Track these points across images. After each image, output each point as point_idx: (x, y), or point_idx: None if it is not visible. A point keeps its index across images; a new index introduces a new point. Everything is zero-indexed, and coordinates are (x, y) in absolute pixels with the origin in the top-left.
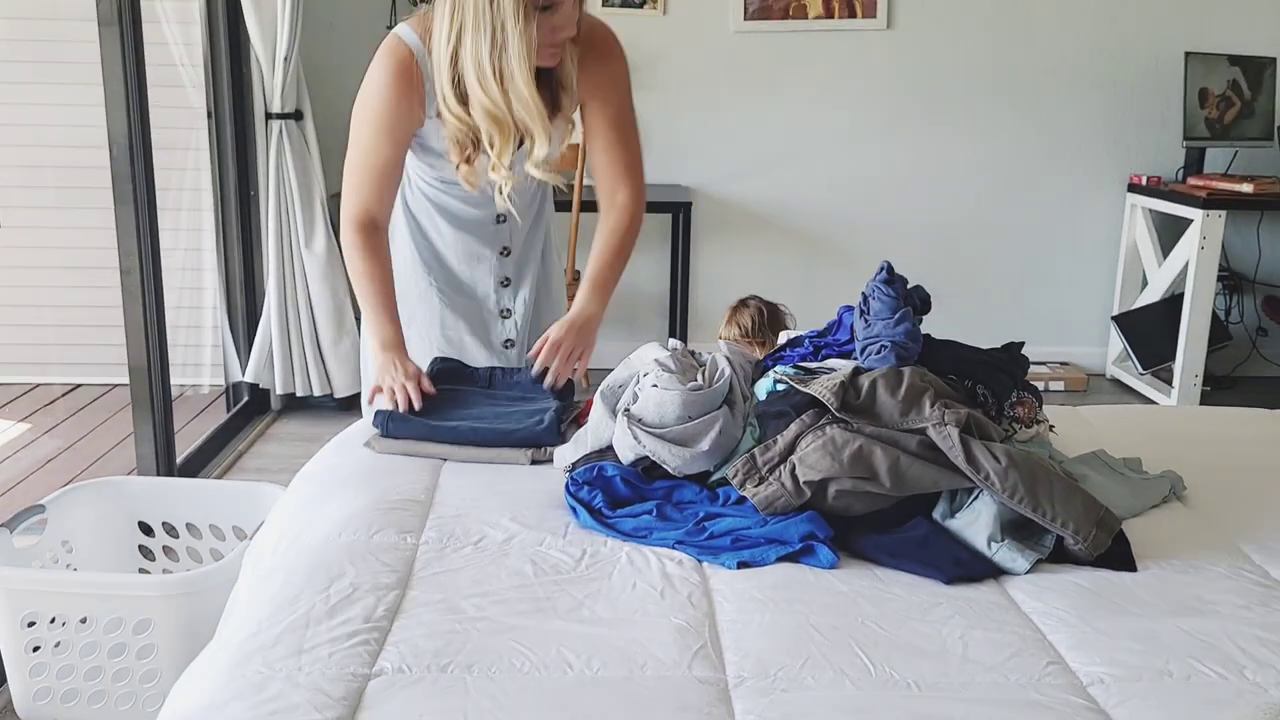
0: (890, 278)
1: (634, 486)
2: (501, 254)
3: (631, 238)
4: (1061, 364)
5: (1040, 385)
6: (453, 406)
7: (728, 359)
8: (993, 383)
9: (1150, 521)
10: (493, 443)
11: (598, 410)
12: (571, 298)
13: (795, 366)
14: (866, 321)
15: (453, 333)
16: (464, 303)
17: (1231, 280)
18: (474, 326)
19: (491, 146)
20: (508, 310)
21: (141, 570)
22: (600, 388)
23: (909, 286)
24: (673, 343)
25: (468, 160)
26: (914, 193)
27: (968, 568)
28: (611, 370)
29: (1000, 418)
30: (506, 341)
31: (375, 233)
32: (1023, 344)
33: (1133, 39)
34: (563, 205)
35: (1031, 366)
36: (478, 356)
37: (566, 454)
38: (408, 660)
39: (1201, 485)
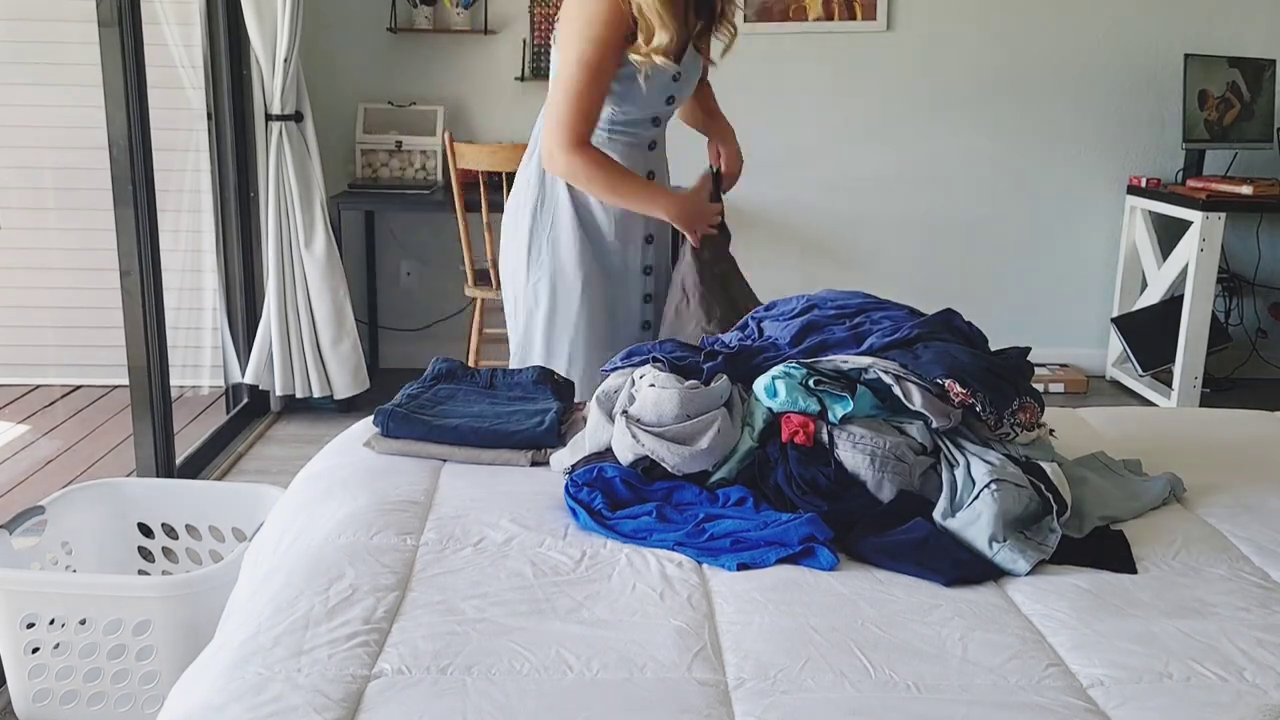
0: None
1: (634, 488)
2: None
3: None
4: (1061, 366)
5: (1040, 387)
6: (453, 406)
7: None
8: (994, 393)
9: (1150, 523)
10: (493, 443)
11: (595, 415)
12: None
13: (800, 364)
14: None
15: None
16: (612, 290)
17: (1231, 282)
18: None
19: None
20: (649, 267)
21: (141, 572)
22: (596, 393)
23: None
24: None
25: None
26: (913, 194)
27: (968, 570)
28: (608, 374)
29: (1000, 424)
30: (644, 323)
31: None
32: (1028, 349)
33: (1132, 41)
34: None
35: None
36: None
37: (564, 458)
38: (407, 662)
39: (1201, 487)
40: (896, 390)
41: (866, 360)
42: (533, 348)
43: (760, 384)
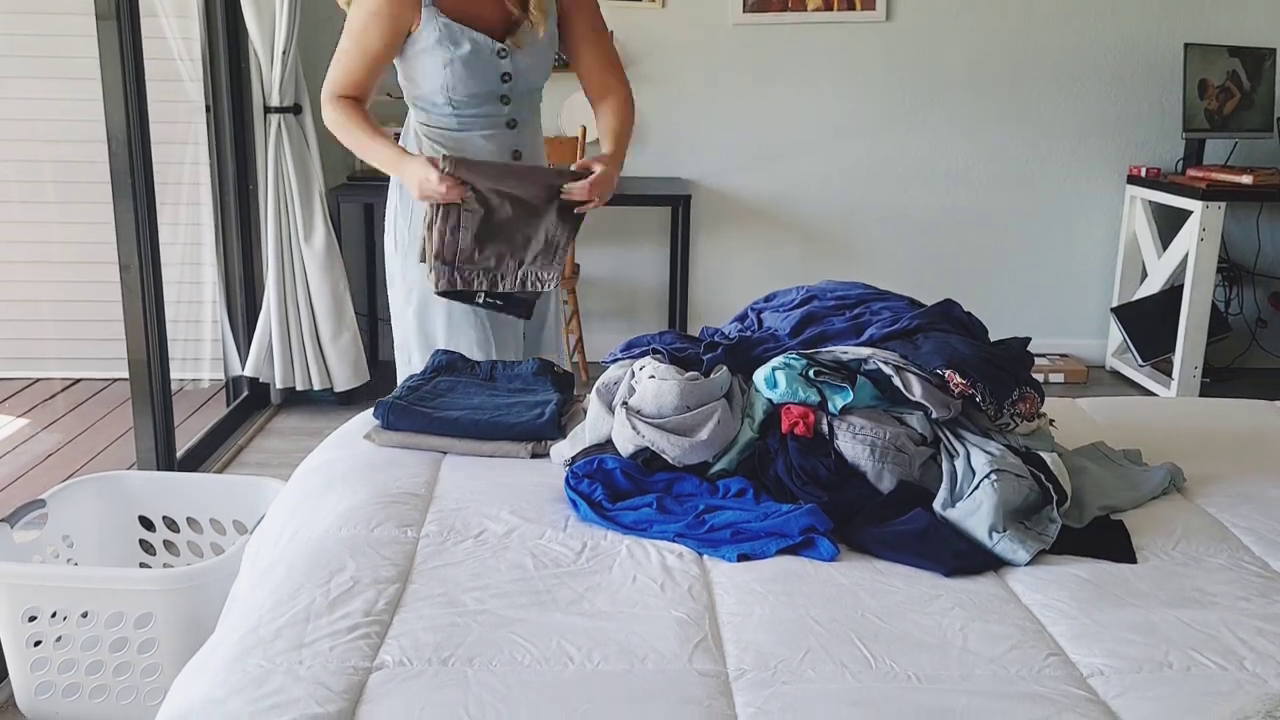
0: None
1: (634, 479)
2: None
3: (631, 116)
4: (1061, 356)
5: (1040, 377)
6: (453, 398)
7: None
8: (994, 384)
9: (1150, 513)
10: (493, 435)
11: (594, 407)
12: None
13: (799, 354)
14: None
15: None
16: None
17: (1231, 272)
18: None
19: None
20: None
21: (142, 565)
22: (596, 385)
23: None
24: None
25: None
26: (913, 185)
27: (967, 560)
28: (608, 366)
29: (1000, 415)
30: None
31: (357, 103)
32: (1028, 340)
33: (1132, 30)
34: None
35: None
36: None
37: (563, 450)
38: (408, 654)
39: (1201, 477)
40: (896, 381)
41: (866, 351)
42: (406, 341)
43: (760, 375)
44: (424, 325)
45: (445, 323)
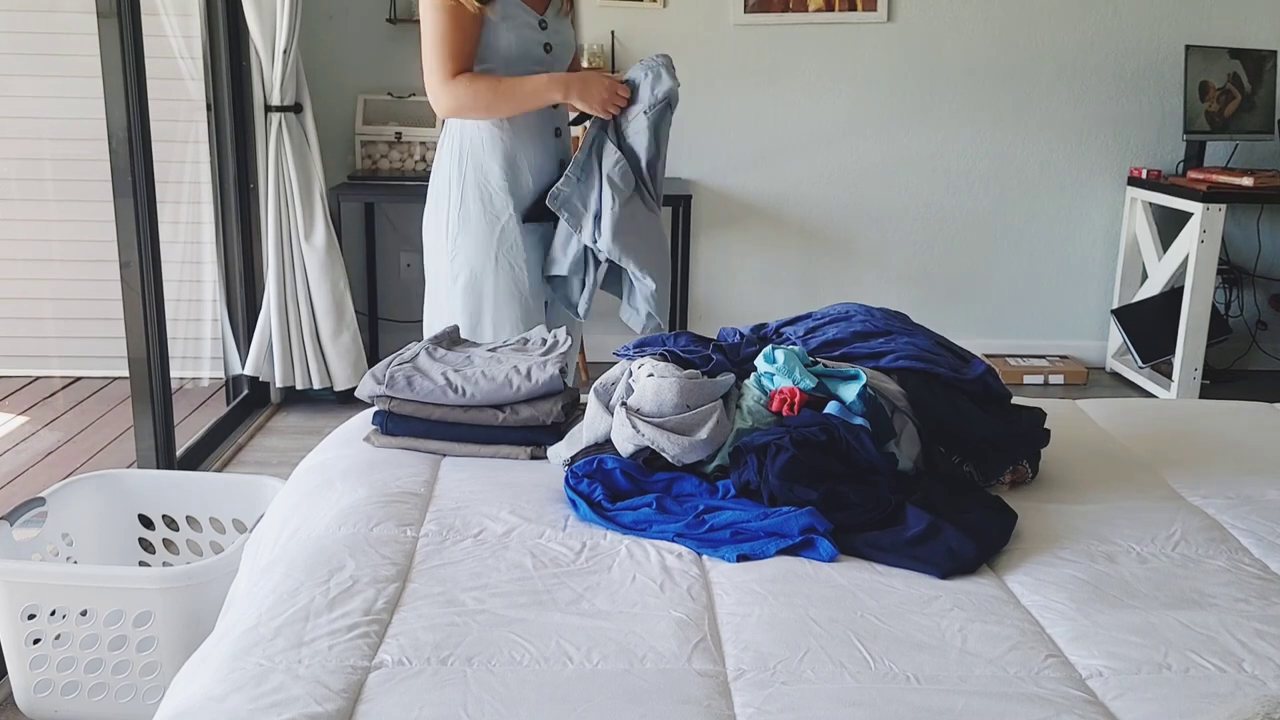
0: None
1: (633, 479)
2: (556, 135)
3: None
4: (1061, 357)
5: (1040, 379)
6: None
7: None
8: (985, 463)
9: (1149, 515)
10: (490, 440)
11: (592, 407)
12: None
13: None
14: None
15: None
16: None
17: (1231, 274)
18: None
19: None
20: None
21: (141, 563)
22: (594, 385)
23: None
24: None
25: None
26: (914, 185)
27: (960, 560)
28: (608, 365)
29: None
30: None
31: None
32: (1043, 415)
33: (1133, 32)
34: None
35: (1031, 360)
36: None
37: (561, 450)
38: (408, 653)
39: (1201, 478)
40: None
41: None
42: (453, 316)
43: (761, 353)
44: (470, 302)
45: (492, 300)
